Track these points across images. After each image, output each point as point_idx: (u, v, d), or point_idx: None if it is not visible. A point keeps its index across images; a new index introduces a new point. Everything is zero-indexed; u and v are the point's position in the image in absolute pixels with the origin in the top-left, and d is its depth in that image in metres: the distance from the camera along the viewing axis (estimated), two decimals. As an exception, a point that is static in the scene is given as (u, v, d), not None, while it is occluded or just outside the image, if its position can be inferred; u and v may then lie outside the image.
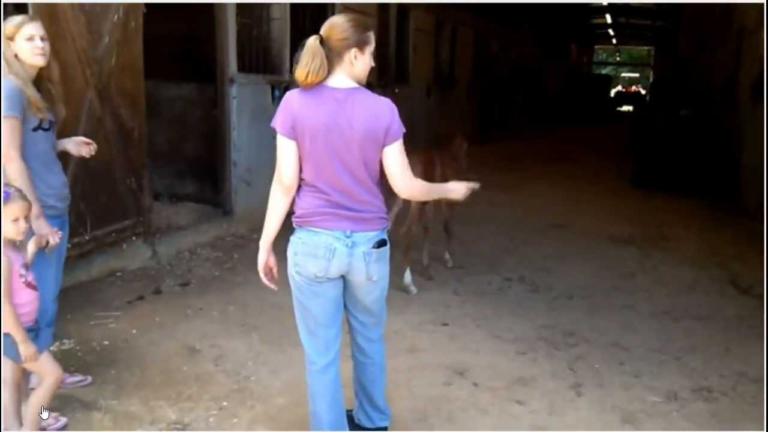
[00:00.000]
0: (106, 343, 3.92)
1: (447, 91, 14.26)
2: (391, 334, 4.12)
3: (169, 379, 3.51)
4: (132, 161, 5.06)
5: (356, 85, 2.53)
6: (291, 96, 2.51)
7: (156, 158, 6.36)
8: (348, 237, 2.52)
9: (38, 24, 3.02)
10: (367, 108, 2.48)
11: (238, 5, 6.41)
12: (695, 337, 4.42)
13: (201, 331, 4.16)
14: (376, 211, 2.57)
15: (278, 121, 2.50)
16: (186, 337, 4.05)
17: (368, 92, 2.54)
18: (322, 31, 2.48)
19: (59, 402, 3.16)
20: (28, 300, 2.66)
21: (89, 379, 3.45)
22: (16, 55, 2.93)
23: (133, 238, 5.16)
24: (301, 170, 2.53)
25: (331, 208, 2.50)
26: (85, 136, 3.54)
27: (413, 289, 5.05)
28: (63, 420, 3.05)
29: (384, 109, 2.50)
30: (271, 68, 7.20)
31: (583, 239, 7.04)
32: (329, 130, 2.45)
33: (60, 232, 3.02)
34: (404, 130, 2.55)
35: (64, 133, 3.38)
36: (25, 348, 2.61)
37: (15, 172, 2.85)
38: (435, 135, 12.19)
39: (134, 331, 4.10)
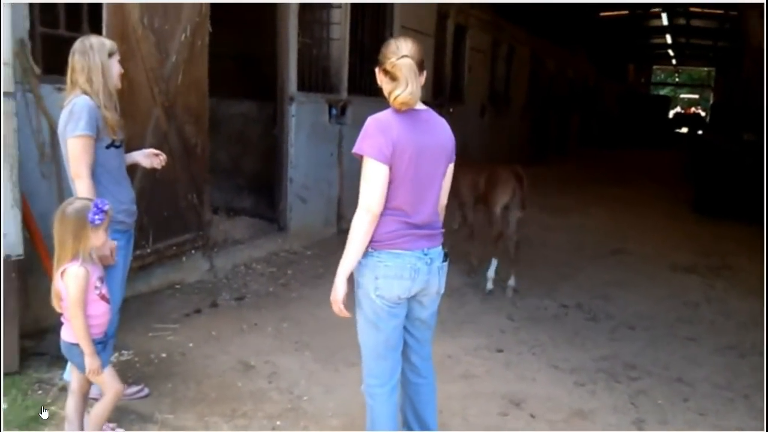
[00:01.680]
0: (164, 355, 3.98)
1: (501, 110, 14.16)
2: (446, 359, 4.07)
3: (224, 394, 3.54)
4: (194, 177, 5.16)
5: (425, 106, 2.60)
6: (385, 120, 2.47)
7: (215, 173, 6.50)
8: (426, 254, 2.57)
9: None
10: (442, 127, 2.61)
11: (300, 25, 6.51)
12: (764, 374, 4.21)
13: (255, 347, 4.19)
14: (439, 227, 2.67)
15: (372, 147, 2.43)
16: (241, 353, 4.08)
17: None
18: (407, 51, 2.44)
19: (117, 413, 3.20)
20: (101, 312, 2.72)
21: (146, 390, 3.49)
22: None
23: (192, 251, 5.26)
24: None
25: (410, 229, 2.53)
26: (151, 152, 3.62)
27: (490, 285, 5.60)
28: (120, 431, 3.10)
29: (449, 128, 2.64)
30: (329, 87, 7.28)
31: (642, 266, 6.84)
32: (427, 151, 2.50)
33: (115, 243, 3.02)
34: None
35: (131, 148, 3.47)
36: (91, 361, 2.66)
37: (84, 189, 2.93)
38: (488, 154, 12.13)
39: (191, 345, 4.15)
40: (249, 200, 7.43)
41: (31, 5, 3.84)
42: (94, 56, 2.99)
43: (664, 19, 23.47)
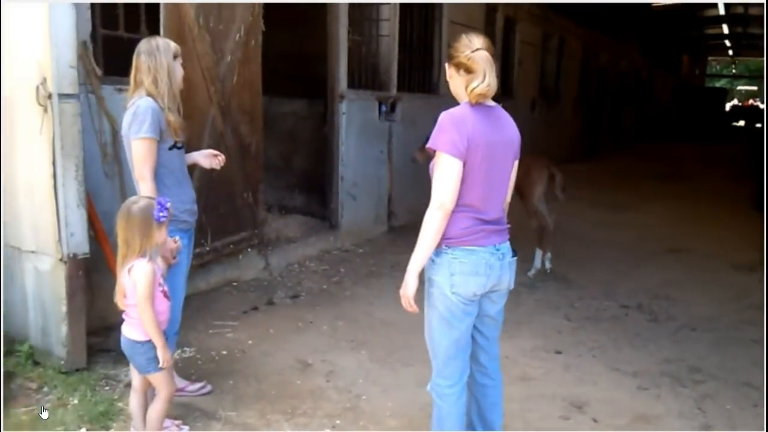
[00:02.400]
0: (225, 352, 4.04)
1: (552, 104, 13.91)
2: (503, 359, 3.94)
3: (283, 392, 3.57)
4: (249, 176, 5.22)
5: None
6: (460, 115, 2.45)
7: (267, 172, 6.54)
8: (498, 250, 2.57)
9: None
10: (510, 123, 2.60)
11: (350, 23, 6.50)
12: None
13: (312, 345, 4.21)
14: (505, 222, 2.66)
15: (447, 143, 2.41)
16: (298, 350, 4.11)
17: None
18: (480, 44, 2.44)
19: (182, 410, 3.28)
20: (164, 309, 2.77)
21: (209, 387, 3.54)
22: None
23: (249, 249, 5.33)
24: None
25: (482, 225, 2.52)
26: (207, 152, 3.65)
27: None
28: (185, 428, 3.15)
29: (515, 125, 2.65)
30: (378, 85, 7.27)
31: (703, 265, 6.62)
32: (498, 147, 2.50)
33: (175, 242, 3.02)
34: None
35: (189, 149, 3.51)
36: (164, 353, 2.72)
37: (147, 191, 2.97)
38: (539, 150, 11.92)
39: (250, 342, 4.20)
40: (300, 198, 7.49)
41: (92, 6, 3.92)
42: (160, 57, 3.01)
43: (721, 9, 22.66)
